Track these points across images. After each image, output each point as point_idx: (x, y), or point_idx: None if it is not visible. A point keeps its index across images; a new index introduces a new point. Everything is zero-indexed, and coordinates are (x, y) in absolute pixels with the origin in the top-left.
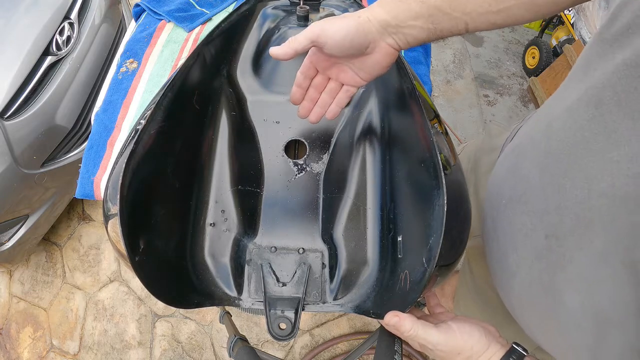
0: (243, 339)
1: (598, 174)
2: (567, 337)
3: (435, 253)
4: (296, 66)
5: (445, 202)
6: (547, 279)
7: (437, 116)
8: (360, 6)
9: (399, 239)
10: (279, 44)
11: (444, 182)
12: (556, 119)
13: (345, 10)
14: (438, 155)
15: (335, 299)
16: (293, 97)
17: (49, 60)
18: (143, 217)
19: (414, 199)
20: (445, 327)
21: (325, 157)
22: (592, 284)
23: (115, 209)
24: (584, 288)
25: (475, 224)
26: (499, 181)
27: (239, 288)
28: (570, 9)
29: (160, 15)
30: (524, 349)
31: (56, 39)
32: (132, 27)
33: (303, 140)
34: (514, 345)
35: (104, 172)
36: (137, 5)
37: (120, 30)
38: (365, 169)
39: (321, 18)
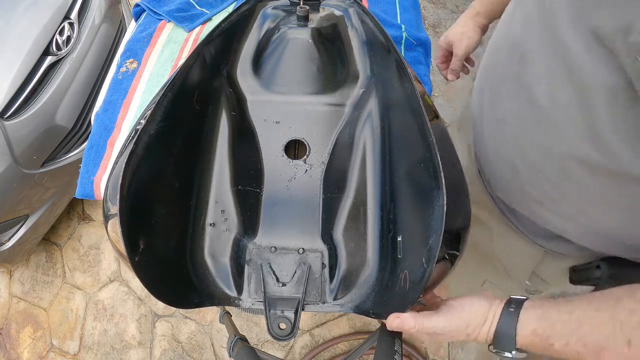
0: (243, 339)
1: None
2: (559, 130)
3: (435, 253)
4: (296, 67)
5: (445, 202)
6: (529, 89)
7: (437, 116)
8: (360, 6)
9: (399, 239)
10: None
11: (443, 182)
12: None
13: (345, 10)
14: (438, 155)
15: (335, 299)
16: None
17: (49, 60)
18: (143, 217)
19: (414, 199)
20: (446, 308)
21: (325, 157)
22: (568, 72)
23: (115, 209)
24: (560, 80)
25: (464, 158)
26: (481, 72)
27: (239, 288)
28: None
29: (160, 15)
30: (522, 296)
31: (56, 39)
32: (132, 27)
33: (303, 140)
34: (511, 296)
35: (104, 172)
36: (137, 5)
37: (120, 30)
38: (365, 169)
39: (321, 18)
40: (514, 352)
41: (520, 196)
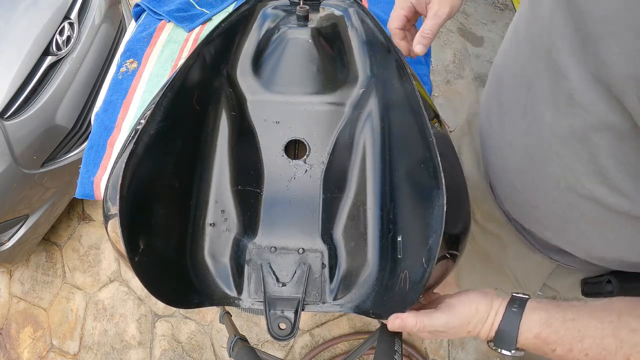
0: (243, 339)
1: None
2: (564, 165)
3: (435, 253)
4: (295, 67)
5: (445, 202)
6: (535, 119)
7: (437, 116)
8: (360, 6)
9: (399, 239)
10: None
11: (443, 182)
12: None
13: (345, 10)
14: (438, 155)
15: (335, 299)
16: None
17: (49, 60)
18: (143, 217)
19: (414, 199)
20: (445, 306)
21: (325, 157)
22: (570, 105)
23: (115, 209)
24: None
25: (474, 170)
26: (490, 86)
27: (239, 288)
28: None
29: (160, 15)
30: (524, 295)
31: (56, 39)
32: (132, 27)
33: (303, 140)
34: (513, 294)
35: (104, 172)
36: (137, 5)
37: (120, 30)
38: (365, 169)
39: (321, 18)
40: (513, 351)
41: (525, 215)
